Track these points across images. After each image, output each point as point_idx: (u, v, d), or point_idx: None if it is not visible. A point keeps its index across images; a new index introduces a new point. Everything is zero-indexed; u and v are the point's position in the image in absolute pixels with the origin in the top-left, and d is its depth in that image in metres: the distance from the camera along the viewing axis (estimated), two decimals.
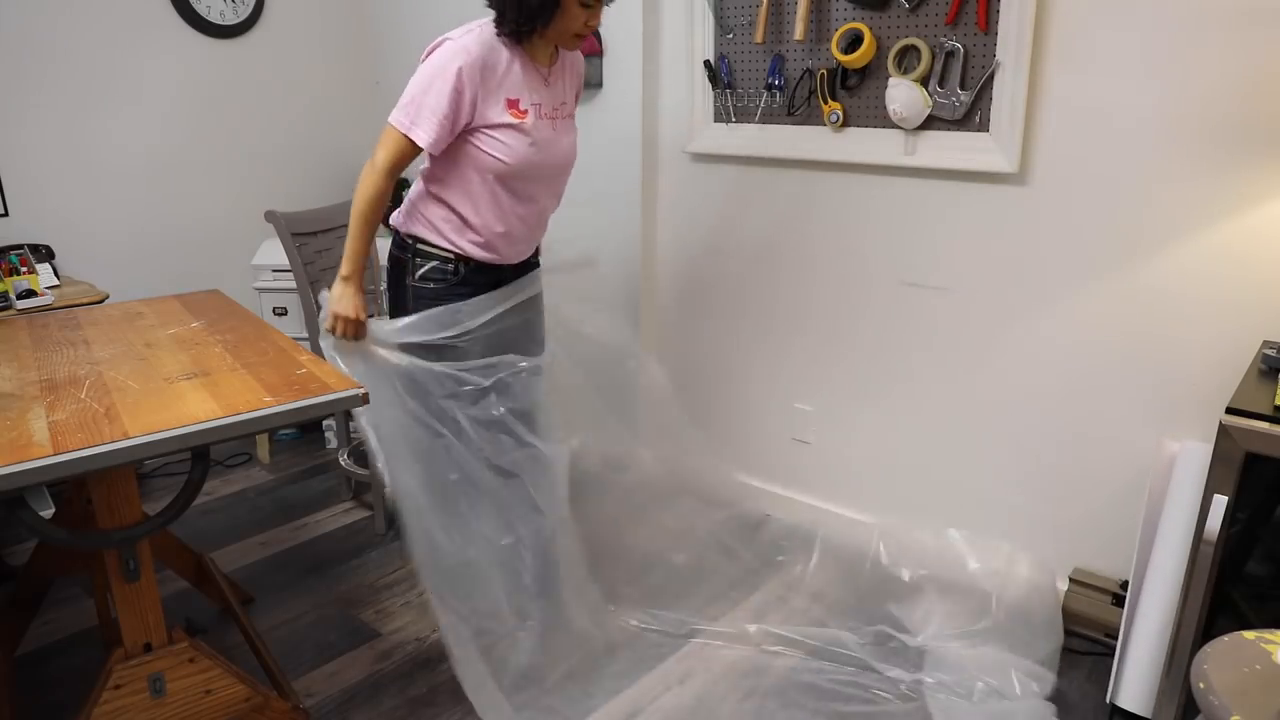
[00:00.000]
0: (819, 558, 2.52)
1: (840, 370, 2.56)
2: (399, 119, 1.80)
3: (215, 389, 1.56)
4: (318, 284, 2.80)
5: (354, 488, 3.04)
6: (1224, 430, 1.52)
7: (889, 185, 2.33)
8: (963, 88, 2.11)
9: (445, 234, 1.94)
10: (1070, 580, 2.22)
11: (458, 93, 1.76)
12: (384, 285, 3.02)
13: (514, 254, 2.02)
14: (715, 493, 2.63)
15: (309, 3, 3.47)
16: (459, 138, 1.84)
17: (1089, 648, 2.15)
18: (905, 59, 2.18)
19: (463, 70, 1.76)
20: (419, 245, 1.97)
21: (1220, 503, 1.55)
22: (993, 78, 2.06)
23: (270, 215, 2.69)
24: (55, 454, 1.30)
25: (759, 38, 2.42)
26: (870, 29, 2.20)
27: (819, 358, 2.60)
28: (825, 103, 2.34)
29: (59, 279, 2.70)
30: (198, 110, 3.26)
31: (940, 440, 2.41)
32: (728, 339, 2.80)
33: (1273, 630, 1.35)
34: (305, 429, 3.50)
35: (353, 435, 3.19)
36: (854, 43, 2.23)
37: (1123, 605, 1.93)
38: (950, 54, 2.11)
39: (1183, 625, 1.65)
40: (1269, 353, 1.69)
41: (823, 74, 2.32)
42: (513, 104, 1.83)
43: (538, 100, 1.87)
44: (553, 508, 2.01)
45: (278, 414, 1.49)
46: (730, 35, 2.51)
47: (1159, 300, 1.98)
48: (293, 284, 2.87)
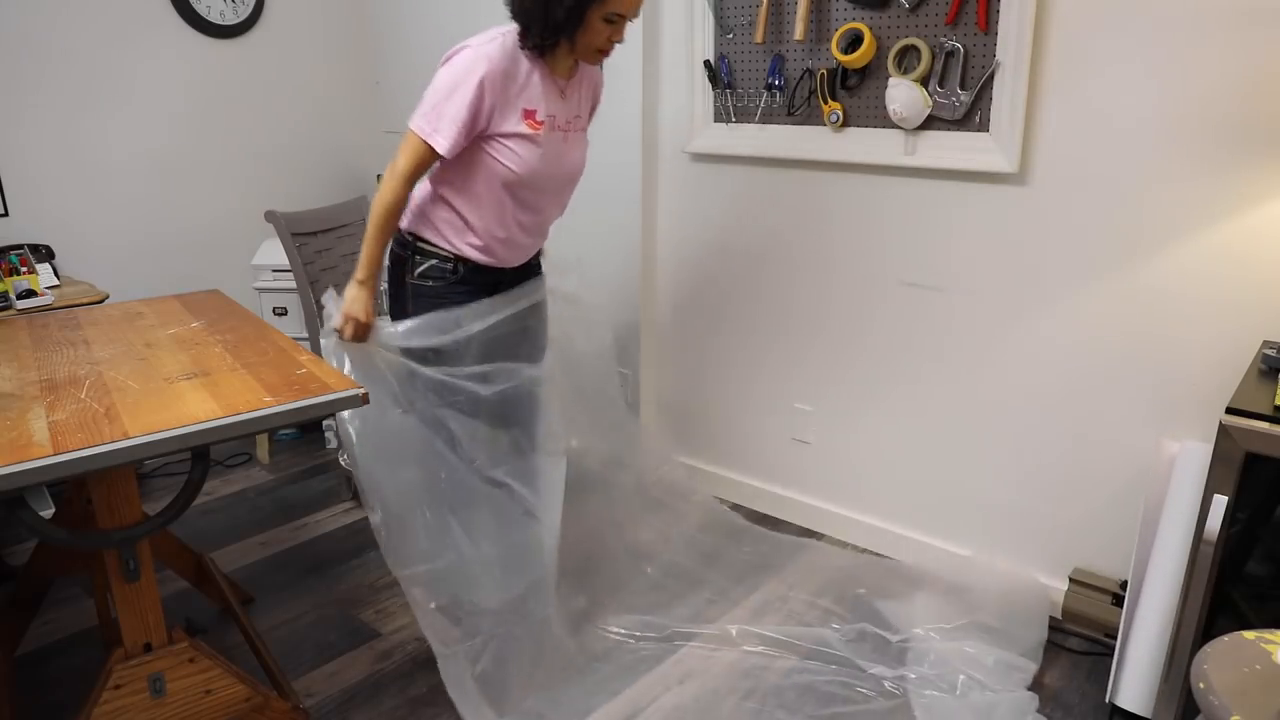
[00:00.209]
0: (806, 560, 2.52)
1: (840, 370, 2.56)
2: (420, 125, 1.79)
3: (215, 389, 1.56)
4: (318, 284, 2.80)
5: (354, 488, 3.03)
6: (1224, 430, 1.53)
7: (889, 185, 2.33)
8: (963, 88, 2.11)
9: (446, 235, 1.95)
10: (1070, 580, 2.22)
11: (478, 100, 1.77)
12: (384, 285, 3.04)
13: (513, 259, 2.03)
14: (698, 497, 2.64)
15: (309, 3, 3.47)
16: (472, 143, 1.84)
17: (1089, 648, 2.15)
18: (905, 59, 2.18)
19: (484, 79, 1.76)
20: (419, 244, 1.97)
21: (1220, 503, 1.55)
22: (993, 78, 2.06)
23: (270, 215, 2.69)
24: (55, 454, 1.30)
25: (759, 38, 2.42)
26: (870, 29, 2.20)
27: (819, 358, 2.60)
28: (825, 103, 2.34)
29: (59, 279, 2.70)
30: (198, 110, 3.26)
31: (940, 440, 2.41)
32: (728, 339, 2.80)
33: (1273, 630, 1.35)
34: (305, 429, 3.50)
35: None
36: (854, 43, 2.24)
37: (1122, 605, 1.93)
38: (950, 54, 2.11)
39: (1183, 625, 1.65)
40: (1269, 353, 1.69)
41: (823, 74, 2.32)
42: (529, 115, 1.83)
43: (552, 112, 1.88)
44: (548, 516, 2.00)
45: (278, 414, 1.49)
46: (730, 35, 2.51)
47: (1159, 300, 1.98)
48: (293, 284, 2.87)
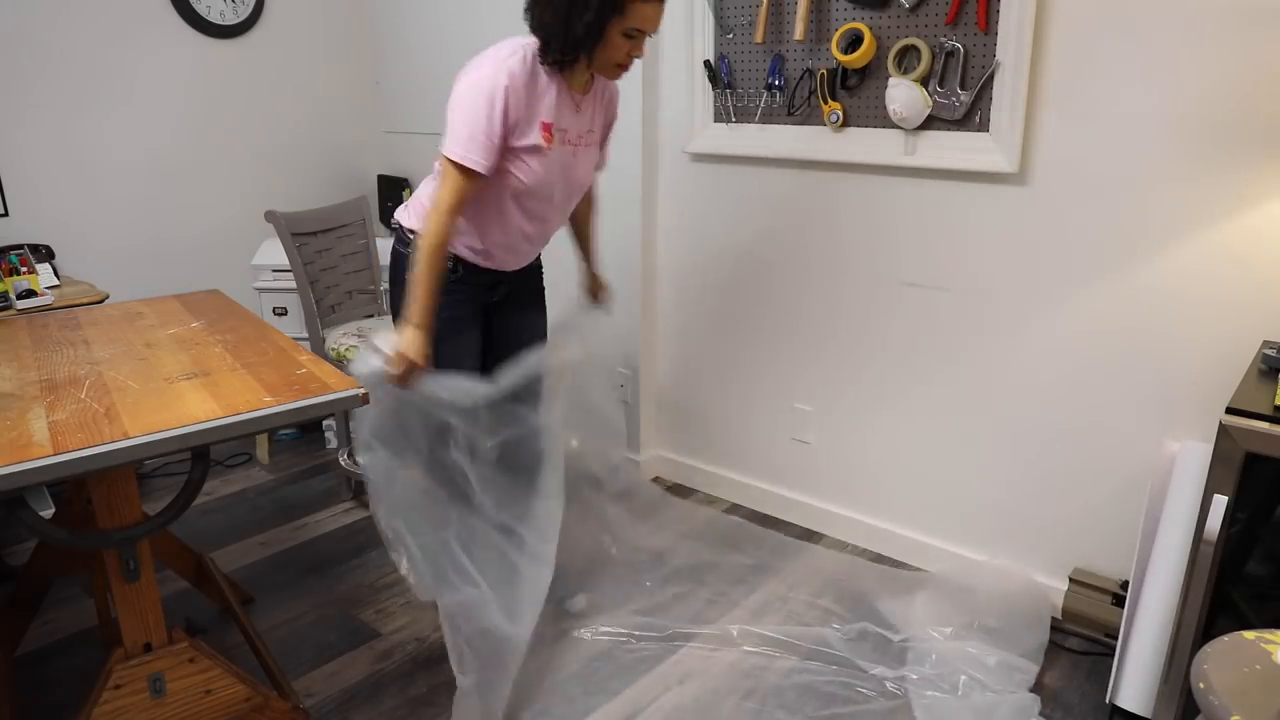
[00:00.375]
0: (806, 560, 2.52)
1: (840, 370, 2.56)
2: (456, 152, 1.75)
3: (215, 389, 1.56)
4: (318, 284, 2.81)
5: (354, 488, 3.04)
6: (1224, 430, 1.52)
7: (889, 185, 2.33)
8: (963, 88, 2.11)
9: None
10: (1070, 580, 2.22)
11: (505, 116, 1.76)
12: (384, 285, 3.05)
13: (513, 263, 2.03)
14: (697, 497, 2.62)
15: (309, 3, 3.47)
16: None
17: (1089, 648, 2.15)
18: (905, 59, 2.18)
19: (509, 94, 1.75)
20: (420, 241, 1.97)
21: (1220, 503, 1.55)
22: (993, 78, 2.06)
23: (270, 215, 2.69)
24: (55, 454, 1.30)
25: (759, 38, 2.42)
26: (870, 29, 2.20)
27: (819, 357, 2.60)
28: (825, 103, 2.34)
29: (59, 279, 2.70)
30: (197, 110, 3.26)
31: (940, 440, 2.41)
32: (728, 338, 2.80)
33: (1273, 630, 1.35)
34: (305, 429, 3.50)
35: (353, 435, 3.19)
36: (854, 43, 2.23)
37: (1123, 605, 1.93)
38: (950, 54, 2.11)
39: (1183, 625, 1.65)
40: (1269, 353, 1.69)
41: (823, 74, 2.32)
42: (546, 127, 1.84)
43: (565, 126, 1.88)
44: (544, 561, 1.98)
45: (278, 414, 1.49)
46: (730, 35, 2.51)
47: (1159, 300, 1.98)
48: (293, 284, 2.87)
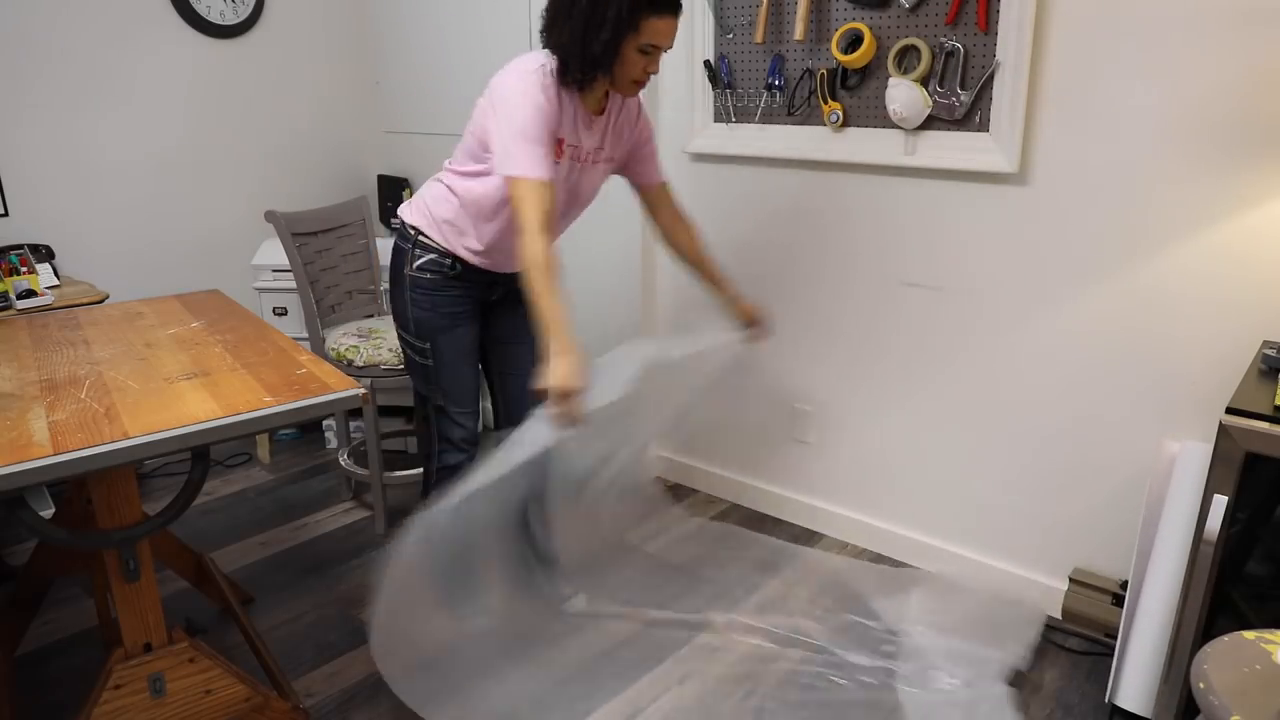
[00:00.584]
0: (806, 559, 2.52)
1: (840, 370, 2.56)
2: (519, 169, 1.72)
3: (215, 389, 1.56)
4: (318, 284, 2.81)
5: (354, 488, 3.04)
6: (1224, 430, 1.52)
7: (889, 185, 2.33)
8: (963, 88, 2.11)
9: (447, 236, 1.96)
10: (1070, 580, 2.22)
11: (549, 118, 1.76)
12: (384, 285, 3.04)
13: (511, 267, 2.03)
14: (698, 497, 2.64)
15: (309, 3, 3.47)
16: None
17: (1089, 648, 2.15)
18: (905, 59, 2.18)
19: (545, 99, 1.76)
20: (420, 238, 1.98)
21: (1220, 503, 1.55)
22: (993, 78, 2.06)
23: (270, 215, 2.69)
24: (55, 454, 1.30)
25: (759, 38, 2.42)
26: (870, 29, 2.20)
27: (819, 358, 2.60)
28: (825, 103, 2.34)
29: (59, 279, 2.70)
30: (197, 110, 3.26)
31: (940, 440, 2.41)
32: None
33: (1273, 630, 1.35)
34: (305, 429, 3.51)
35: (353, 435, 3.19)
36: (854, 43, 2.23)
37: (1123, 605, 1.93)
38: (950, 54, 2.11)
39: (1183, 625, 1.65)
40: (1269, 353, 1.69)
41: (823, 74, 2.32)
42: (559, 143, 1.84)
43: (576, 143, 1.89)
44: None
45: (278, 414, 1.49)
46: (730, 35, 2.51)
47: (1159, 300, 1.98)
48: (293, 284, 2.87)
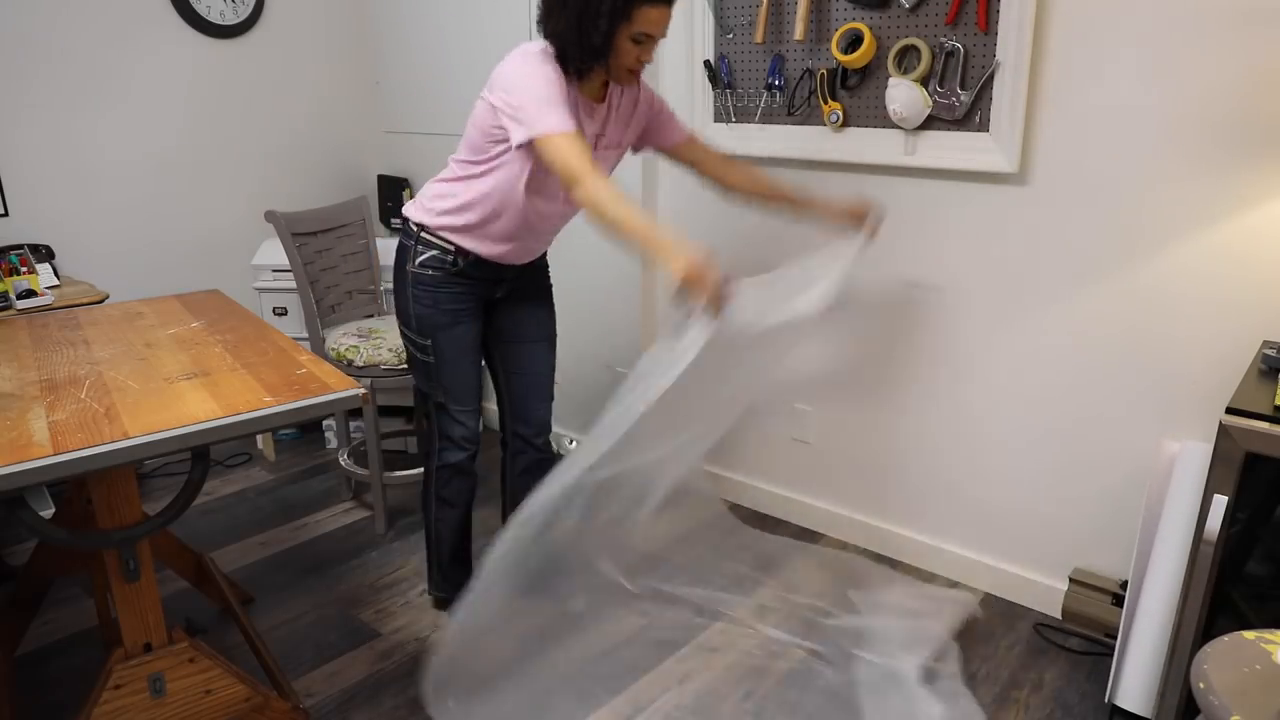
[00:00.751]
0: (806, 560, 2.53)
1: (840, 370, 2.56)
2: (547, 126, 1.72)
3: (215, 389, 1.56)
4: (318, 284, 2.81)
5: (354, 488, 3.04)
6: (1224, 430, 1.52)
7: (889, 185, 2.33)
8: (963, 88, 2.11)
9: (450, 229, 1.96)
10: (1070, 580, 2.22)
11: (561, 88, 1.77)
12: (384, 285, 3.04)
13: (514, 259, 2.04)
14: (698, 497, 2.67)
15: (309, 3, 3.47)
16: (507, 145, 1.83)
17: (1089, 648, 2.16)
18: (905, 59, 2.18)
19: (554, 69, 1.78)
20: (423, 234, 1.99)
21: (1220, 503, 1.55)
22: (993, 78, 2.06)
23: (270, 215, 2.69)
24: (55, 454, 1.30)
25: (759, 38, 2.42)
26: (870, 29, 2.20)
27: (819, 358, 2.60)
28: (825, 103, 2.34)
29: (59, 279, 2.70)
30: (197, 110, 3.26)
31: (940, 440, 2.41)
32: None
33: (1273, 630, 1.35)
34: (305, 429, 3.51)
35: (353, 435, 3.19)
36: (854, 43, 2.23)
37: (1123, 605, 1.93)
38: (950, 54, 2.11)
39: (1183, 625, 1.65)
40: (1269, 353, 1.69)
41: (823, 74, 2.32)
42: None
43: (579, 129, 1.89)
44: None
45: (278, 414, 1.49)
46: (730, 35, 2.51)
47: (1159, 300, 1.98)
48: (293, 284, 2.87)
